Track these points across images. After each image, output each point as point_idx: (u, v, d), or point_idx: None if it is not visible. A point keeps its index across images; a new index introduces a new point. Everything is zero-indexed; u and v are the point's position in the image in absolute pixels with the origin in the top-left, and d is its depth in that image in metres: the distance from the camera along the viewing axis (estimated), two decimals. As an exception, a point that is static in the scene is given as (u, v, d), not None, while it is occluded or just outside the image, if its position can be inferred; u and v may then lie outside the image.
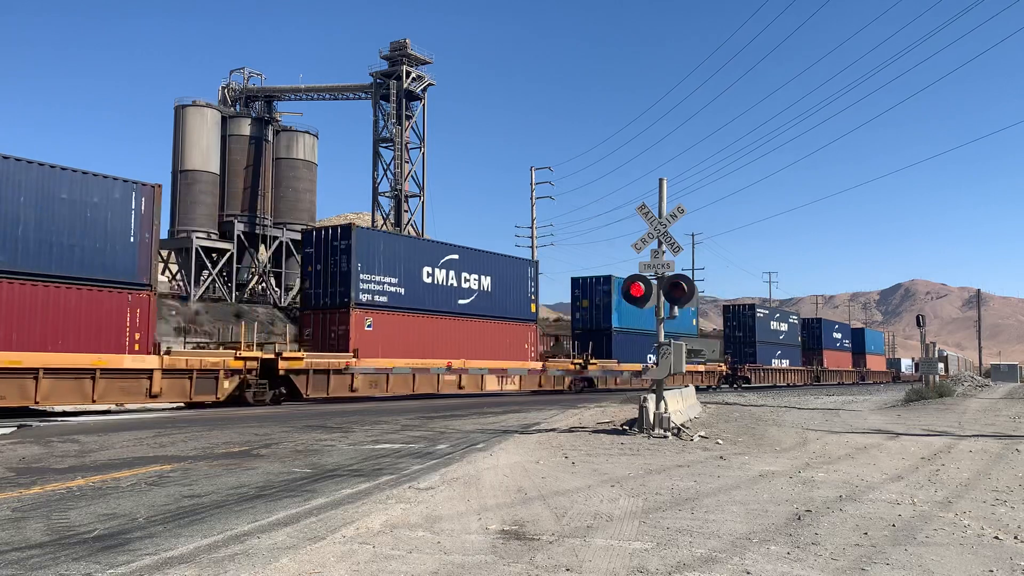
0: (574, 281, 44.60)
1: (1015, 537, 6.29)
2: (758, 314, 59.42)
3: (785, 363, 63.22)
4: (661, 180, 15.27)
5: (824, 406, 26.25)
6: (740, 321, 59.01)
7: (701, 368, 47.93)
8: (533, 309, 38.11)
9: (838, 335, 75.71)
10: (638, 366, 40.08)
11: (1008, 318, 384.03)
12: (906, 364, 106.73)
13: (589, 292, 43.73)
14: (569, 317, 52.96)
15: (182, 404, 22.98)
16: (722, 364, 52.77)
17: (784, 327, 63.99)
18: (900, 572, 5.17)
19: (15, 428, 15.50)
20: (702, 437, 13.72)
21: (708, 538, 6.03)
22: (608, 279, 42.99)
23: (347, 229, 29.54)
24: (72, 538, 5.95)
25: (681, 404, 16.98)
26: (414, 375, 29.77)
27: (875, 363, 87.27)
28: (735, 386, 53.98)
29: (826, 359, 71.01)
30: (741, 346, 58.31)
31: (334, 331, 28.87)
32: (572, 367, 37.29)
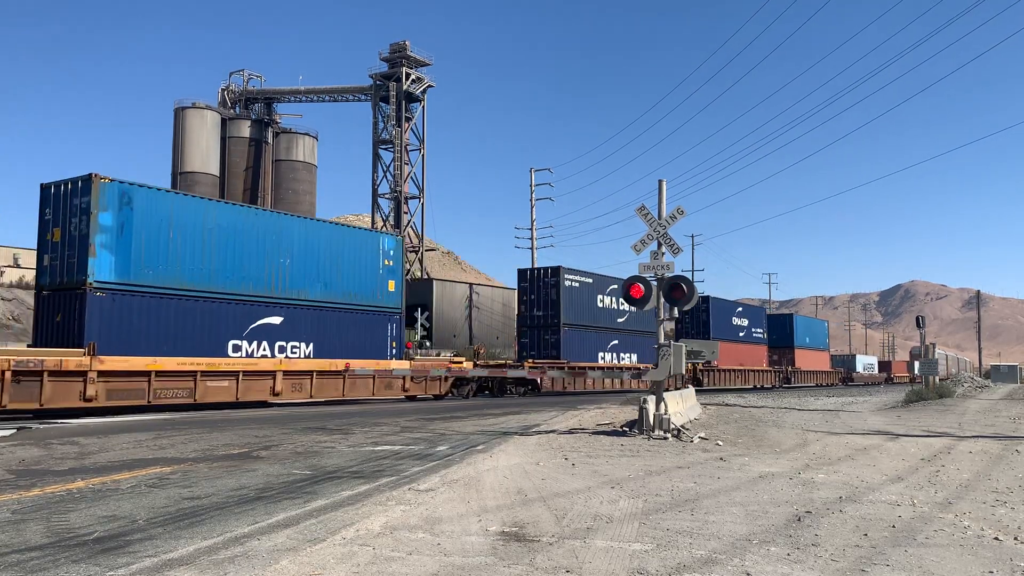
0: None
1: (1015, 538, 6.29)
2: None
3: (631, 359, 45.59)
4: (661, 181, 15.28)
5: (824, 407, 26.26)
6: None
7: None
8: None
9: (741, 321, 56.00)
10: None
11: (1008, 319, 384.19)
12: (864, 363, 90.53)
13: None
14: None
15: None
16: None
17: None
18: (900, 573, 5.17)
19: (15, 430, 15.50)
20: (702, 438, 13.72)
21: (708, 539, 6.03)
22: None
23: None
24: (72, 540, 5.95)
25: (681, 405, 16.98)
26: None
27: (811, 360, 68.36)
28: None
29: (720, 353, 52.06)
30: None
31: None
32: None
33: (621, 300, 34.09)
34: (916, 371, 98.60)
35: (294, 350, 25.52)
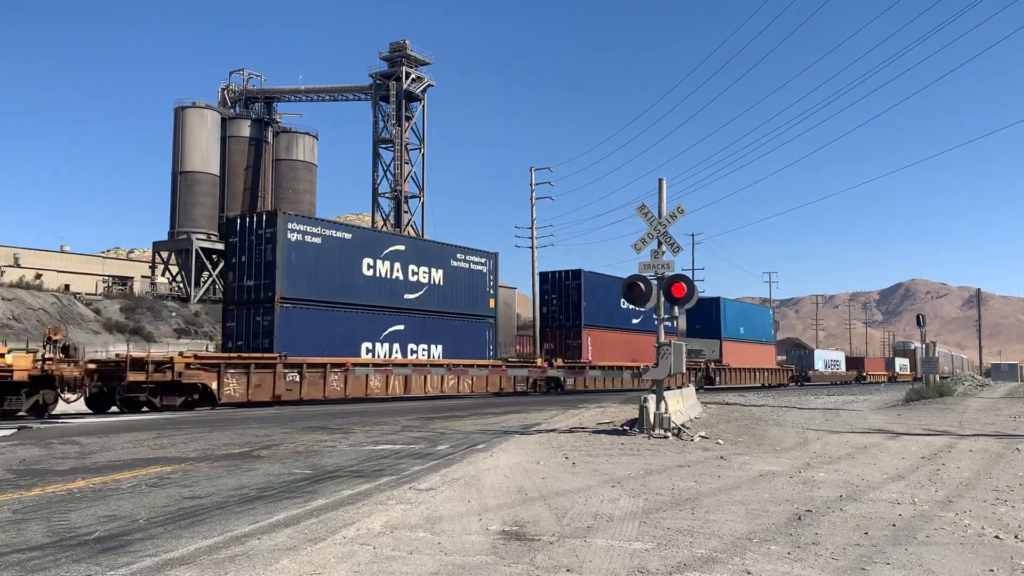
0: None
1: (1016, 536, 6.29)
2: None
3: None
4: (661, 180, 15.28)
5: (824, 406, 26.27)
6: (562, 292, 41.04)
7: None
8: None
9: (625, 306, 40.50)
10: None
11: (1008, 317, 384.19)
12: (827, 359, 76.10)
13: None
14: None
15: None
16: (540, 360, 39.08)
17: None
18: (901, 572, 5.17)
19: (15, 430, 15.51)
20: (702, 437, 13.72)
21: (708, 538, 6.03)
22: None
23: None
24: (73, 540, 5.95)
25: (681, 404, 16.99)
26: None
27: (748, 355, 56.17)
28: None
29: (590, 344, 40.52)
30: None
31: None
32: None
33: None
34: (899, 368, 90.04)
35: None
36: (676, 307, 14.95)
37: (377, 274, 30.11)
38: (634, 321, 43.27)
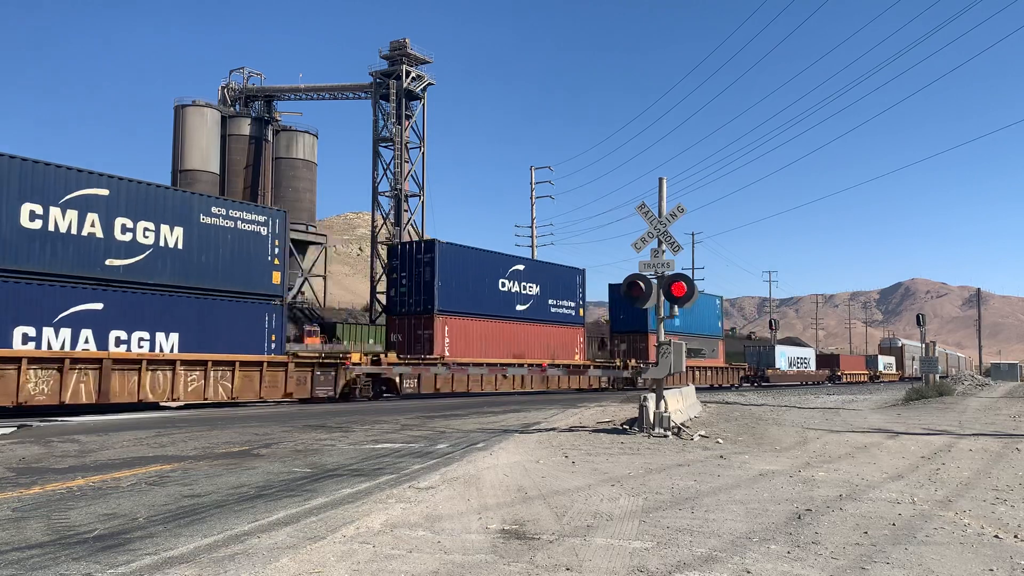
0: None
1: (1015, 536, 6.29)
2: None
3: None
4: (661, 179, 15.28)
5: (824, 405, 26.28)
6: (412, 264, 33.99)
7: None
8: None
9: (520, 285, 36.79)
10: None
11: (1008, 317, 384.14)
12: (792, 356, 66.42)
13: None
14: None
15: None
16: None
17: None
18: (900, 571, 5.17)
19: (15, 428, 15.50)
20: (702, 436, 13.73)
21: (708, 537, 6.03)
22: (432, 245, 39.06)
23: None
24: (72, 538, 5.95)
25: (681, 403, 16.99)
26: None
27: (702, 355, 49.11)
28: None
29: (447, 335, 33.63)
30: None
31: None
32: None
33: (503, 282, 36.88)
34: (882, 367, 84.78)
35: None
36: (676, 306, 14.95)
37: (52, 227, 20.63)
38: (518, 308, 36.46)
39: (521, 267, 37.76)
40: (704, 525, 6.45)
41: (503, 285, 36.16)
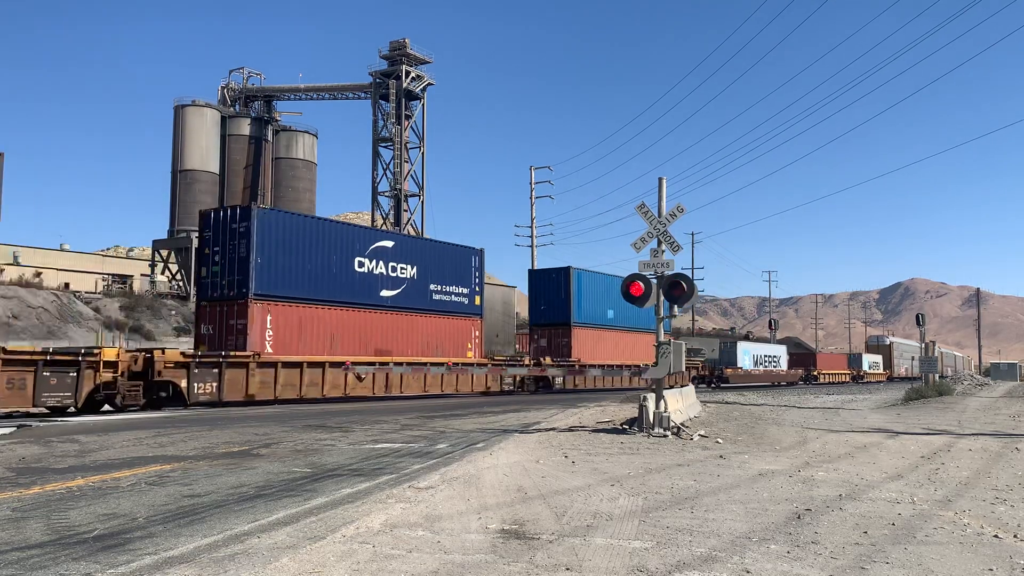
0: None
1: (1015, 536, 6.29)
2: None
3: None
4: (660, 179, 15.28)
5: (824, 405, 26.29)
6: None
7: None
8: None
9: (390, 268, 30.47)
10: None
11: (1008, 317, 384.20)
12: (758, 354, 58.48)
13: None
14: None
15: None
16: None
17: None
18: (900, 571, 5.17)
19: (15, 428, 15.50)
20: (702, 436, 13.73)
21: (708, 537, 6.03)
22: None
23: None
24: (72, 538, 5.95)
25: (681, 403, 17.00)
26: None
27: (621, 347, 42.92)
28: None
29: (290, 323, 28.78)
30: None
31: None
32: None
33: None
34: (867, 366, 77.63)
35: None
36: (676, 306, 14.96)
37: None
38: (384, 294, 30.84)
39: (388, 244, 30.55)
40: (704, 525, 6.45)
41: (360, 266, 28.86)
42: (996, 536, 6.25)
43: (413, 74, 69.82)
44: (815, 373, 68.06)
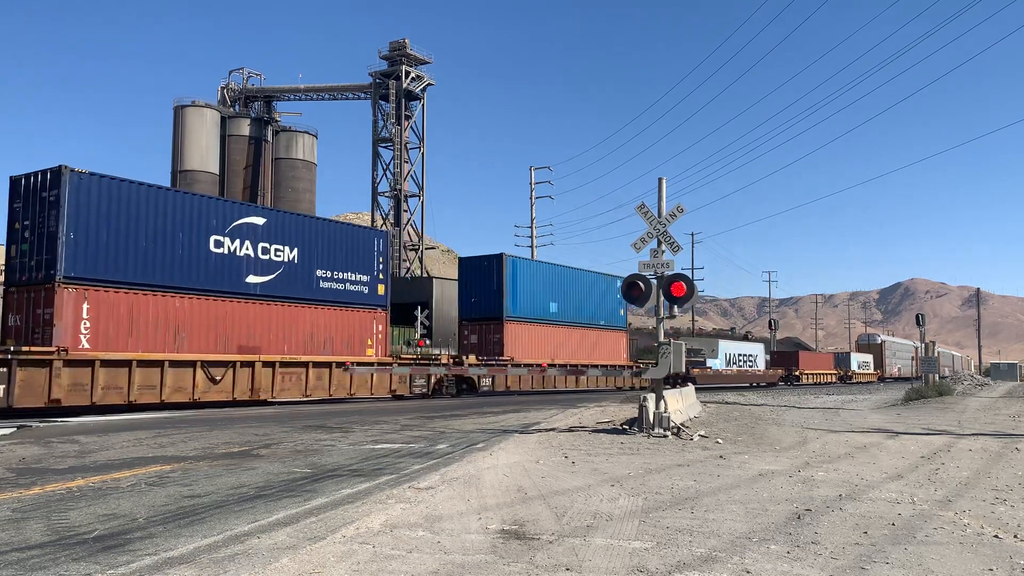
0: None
1: (1015, 536, 6.29)
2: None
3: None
4: (660, 179, 15.28)
5: (824, 405, 26.29)
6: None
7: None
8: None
9: (272, 253, 25.67)
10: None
11: (1008, 317, 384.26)
12: (728, 352, 54.83)
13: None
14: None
15: None
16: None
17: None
18: (900, 571, 5.17)
19: (15, 428, 15.50)
20: (702, 436, 13.73)
21: (708, 537, 6.03)
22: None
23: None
24: (72, 538, 5.95)
25: (681, 403, 17.00)
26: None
27: (556, 347, 37.57)
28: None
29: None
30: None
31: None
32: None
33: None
34: (856, 366, 72.18)
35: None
36: (676, 306, 14.96)
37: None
38: (251, 280, 24.84)
39: (258, 220, 25.39)
40: (704, 525, 6.45)
41: (218, 246, 23.94)
42: (996, 536, 6.25)
43: (413, 74, 69.82)
44: (797, 373, 63.21)
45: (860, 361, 76.06)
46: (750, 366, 57.77)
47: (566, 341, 38.57)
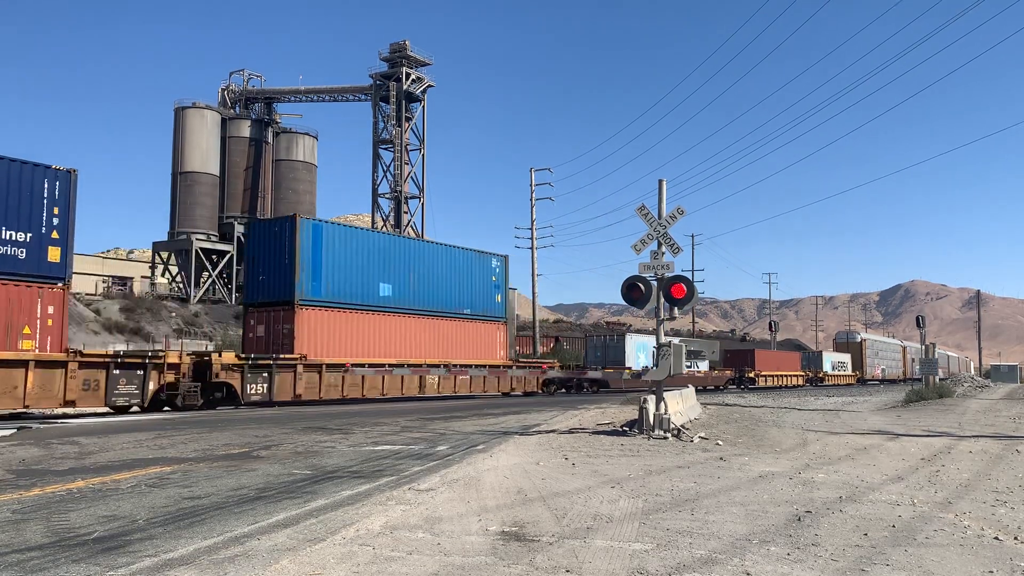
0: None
1: (1015, 538, 6.29)
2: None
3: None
4: (661, 181, 15.28)
5: (825, 407, 26.27)
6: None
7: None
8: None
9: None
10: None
11: (1008, 319, 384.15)
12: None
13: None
14: (568, 320, 49.20)
15: None
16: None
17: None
18: (900, 573, 5.17)
19: (15, 430, 15.50)
20: (702, 438, 13.72)
21: (708, 539, 6.02)
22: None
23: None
24: (72, 540, 5.95)
25: (681, 405, 16.99)
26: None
27: (413, 338, 30.47)
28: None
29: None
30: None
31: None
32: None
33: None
34: (829, 367, 62.92)
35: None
36: (676, 308, 14.96)
37: None
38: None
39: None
40: (704, 527, 6.45)
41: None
42: (996, 538, 6.25)
43: (413, 76, 69.86)
44: (751, 375, 53.22)
45: (835, 361, 67.98)
46: (687, 367, 47.95)
47: (407, 334, 30.38)
